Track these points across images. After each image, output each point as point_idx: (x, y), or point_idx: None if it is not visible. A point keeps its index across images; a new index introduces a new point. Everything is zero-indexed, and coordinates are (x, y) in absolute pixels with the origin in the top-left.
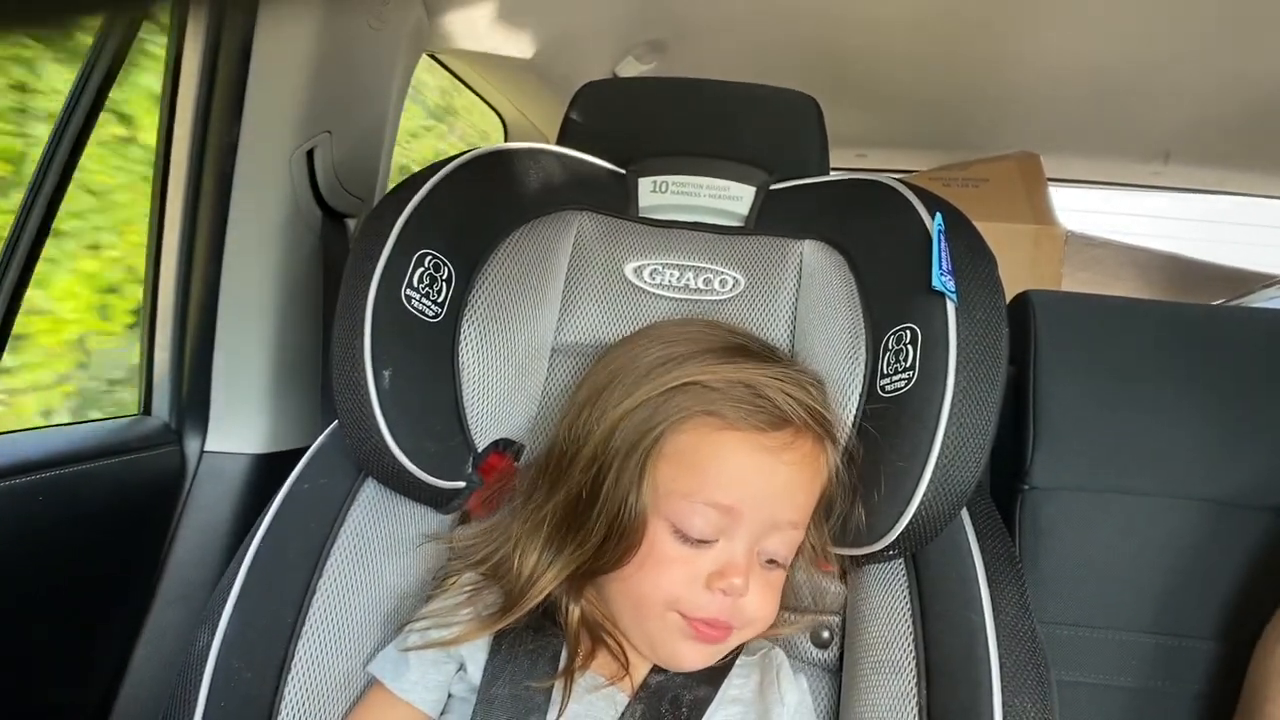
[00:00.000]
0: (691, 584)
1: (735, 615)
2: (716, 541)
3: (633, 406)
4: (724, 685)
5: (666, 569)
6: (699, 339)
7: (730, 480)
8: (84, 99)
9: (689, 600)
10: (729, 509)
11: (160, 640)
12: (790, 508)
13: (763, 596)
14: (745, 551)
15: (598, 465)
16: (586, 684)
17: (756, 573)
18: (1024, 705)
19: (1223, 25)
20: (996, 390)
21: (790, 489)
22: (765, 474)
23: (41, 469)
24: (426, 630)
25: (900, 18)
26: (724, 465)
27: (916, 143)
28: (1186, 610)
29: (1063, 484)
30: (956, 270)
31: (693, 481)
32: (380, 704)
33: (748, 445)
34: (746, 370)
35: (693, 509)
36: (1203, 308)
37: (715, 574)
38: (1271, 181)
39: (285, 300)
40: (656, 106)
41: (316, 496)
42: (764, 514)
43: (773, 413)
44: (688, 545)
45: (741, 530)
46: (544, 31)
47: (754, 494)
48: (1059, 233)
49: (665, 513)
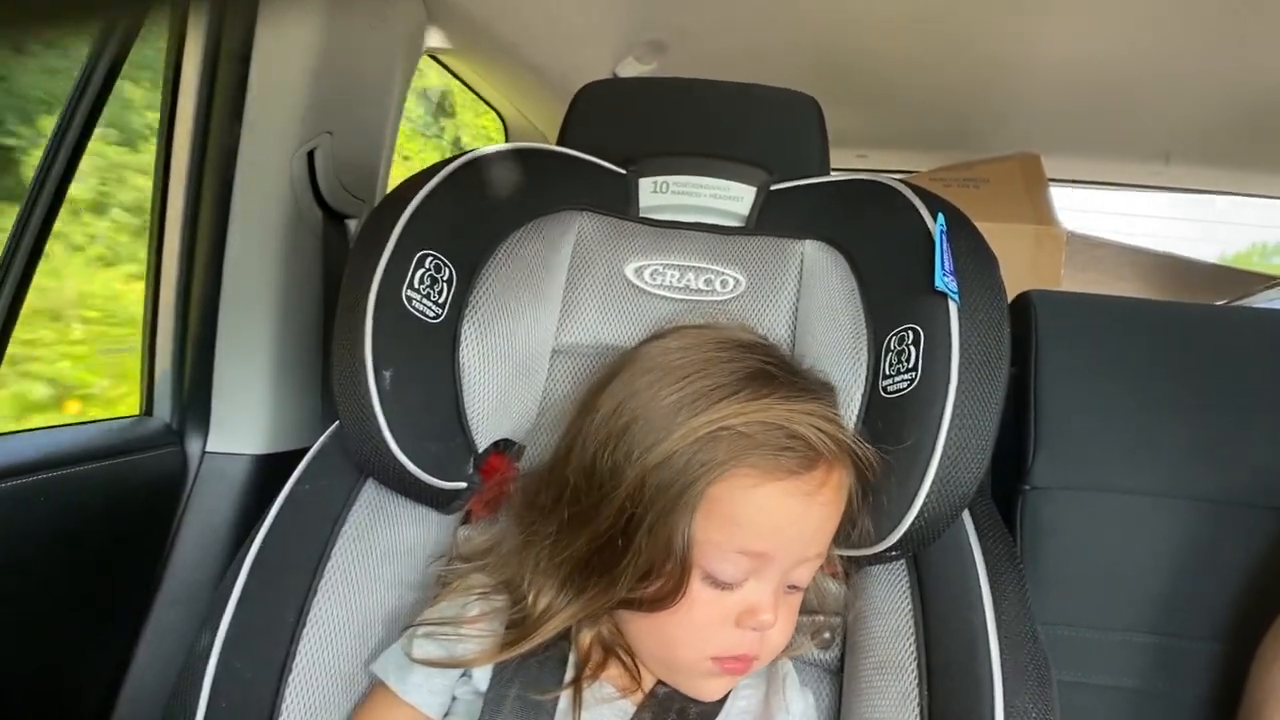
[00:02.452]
0: (722, 625)
1: (762, 648)
2: (746, 583)
3: (664, 456)
4: (731, 695)
5: (701, 615)
6: (717, 369)
7: (765, 530)
8: (84, 102)
9: (718, 642)
10: (761, 554)
11: (161, 641)
12: (819, 543)
13: (785, 623)
14: (774, 590)
15: (628, 515)
16: (595, 695)
17: (781, 601)
18: (1025, 706)
19: (1223, 25)
20: (998, 391)
21: (821, 526)
22: (798, 519)
23: (43, 470)
24: (432, 633)
25: (901, 18)
26: (758, 516)
27: (917, 143)
28: (1188, 611)
29: (1064, 484)
30: (958, 271)
31: (729, 531)
32: (384, 705)
33: (782, 493)
34: (776, 408)
35: (724, 556)
36: (1204, 308)
37: (745, 613)
38: (1272, 182)
39: (286, 301)
40: (657, 107)
41: (318, 497)
42: (795, 554)
43: (805, 454)
44: (717, 589)
45: (772, 571)
46: (544, 32)
47: (787, 539)
48: (1060, 233)
49: (698, 560)
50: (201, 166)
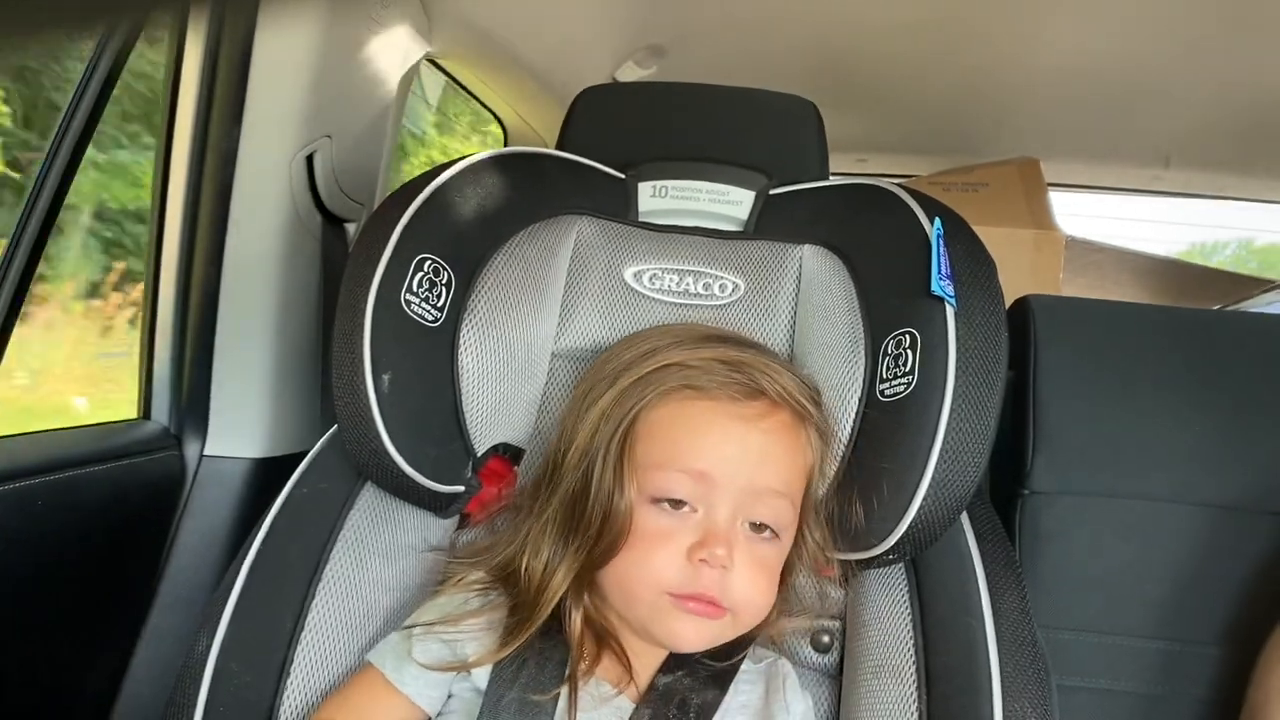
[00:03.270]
0: (673, 556)
1: (723, 592)
2: (698, 512)
3: (614, 397)
4: (731, 689)
5: (650, 547)
6: (682, 333)
7: (703, 446)
8: (83, 104)
9: (675, 578)
10: (703, 474)
11: (160, 644)
12: (770, 474)
13: (752, 575)
14: (727, 520)
15: (587, 460)
16: (594, 694)
17: (743, 546)
18: (1024, 710)
19: (1223, 31)
20: (996, 395)
21: (767, 455)
22: (738, 439)
23: (41, 473)
24: (434, 631)
25: (900, 22)
26: (697, 432)
27: (916, 147)
28: (1187, 615)
29: (1062, 489)
30: (956, 275)
31: (668, 451)
32: (375, 690)
33: (721, 413)
34: (725, 350)
35: (668, 477)
36: (1202, 312)
37: (697, 544)
38: (1271, 187)
39: (285, 305)
40: (656, 111)
41: (316, 501)
42: (741, 480)
43: (747, 384)
44: (667, 515)
45: (720, 498)
46: (544, 36)
47: (728, 458)
48: (1059, 237)
49: (645, 488)
50: (201, 170)
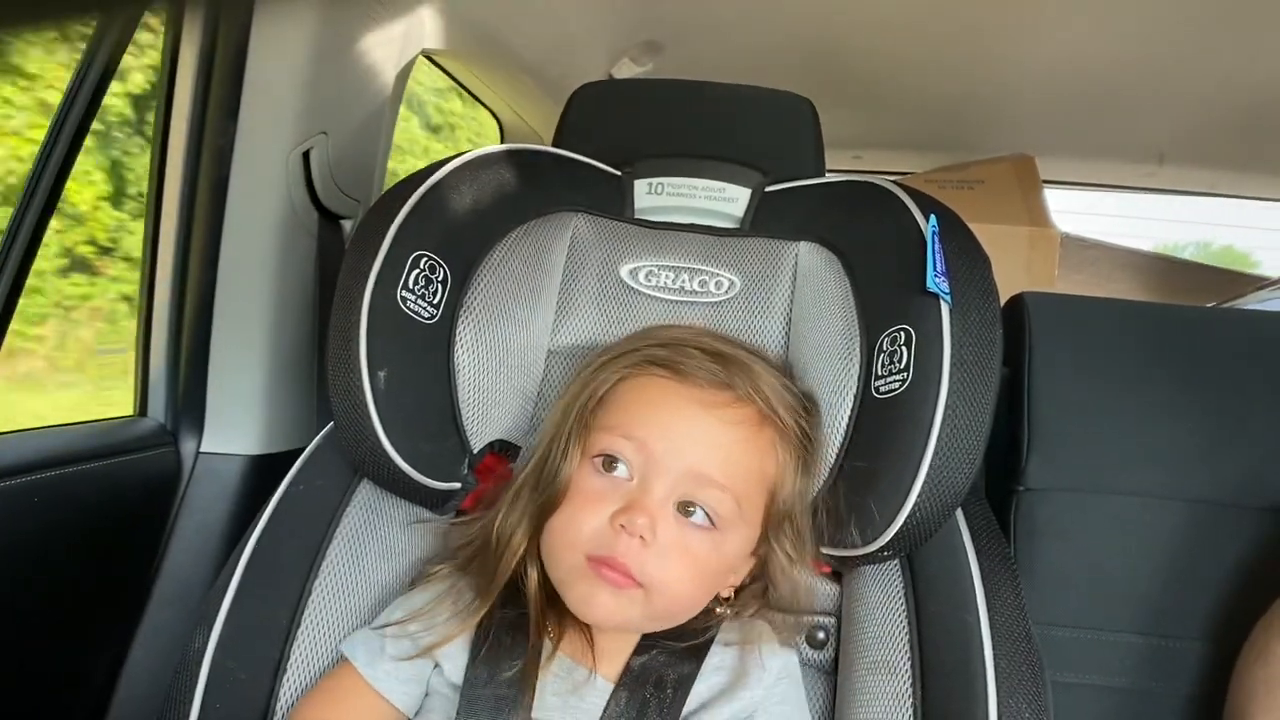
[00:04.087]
0: (599, 520)
1: (639, 566)
2: (633, 481)
3: (594, 370)
4: (706, 658)
5: (580, 505)
6: (677, 326)
7: (653, 420)
8: (79, 98)
9: (593, 539)
10: (644, 444)
11: (156, 641)
12: (713, 463)
13: (674, 557)
14: (658, 496)
15: (558, 429)
16: (569, 677)
17: (670, 526)
18: (1019, 706)
19: (1217, 28)
20: (991, 392)
21: (718, 445)
22: (688, 420)
23: (37, 470)
24: (405, 625)
25: (896, 20)
26: (652, 404)
27: (912, 144)
28: (1180, 611)
29: (1057, 485)
30: (951, 272)
31: (619, 417)
32: (349, 686)
33: (681, 393)
34: (712, 341)
35: (611, 439)
36: (1196, 310)
37: (621, 510)
38: (1265, 184)
39: (281, 302)
40: (652, 108)
41: (312, 498)
42: (683, 462)
43: (719, 374)
44: (602, 478)
45: (657, 472)
46: (540, 33)
47: (673, 436)
48: (1054, 234)
49: (590, 448)
50: (197, 166)
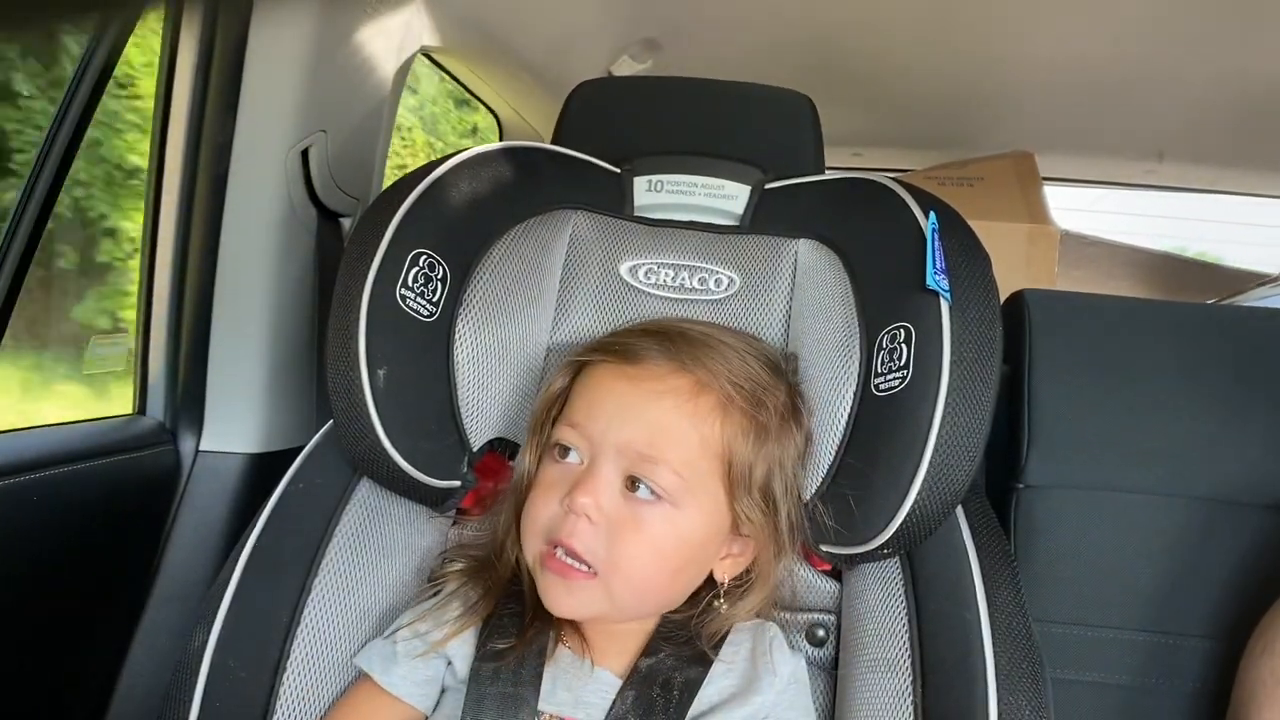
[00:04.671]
0: (553, 505)
1: (588, 547)
2: (583, 464)
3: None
4: (716, 661)
5: (539, 494)
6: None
7: (587, 400)
8: (79, 95)
9: (548, 522)
10: (579, 426)
11: (155, 639)
12: (649, 439)
13: (626, 534)
14: (602, 476)
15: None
16: (571, 669)
17: (616, 502)
18: (1019, 703)
19: (1217, 24)
20: (991, 389)
21: (649, 417)
22: (617, 396)
23: (36, 469)
24: (415, 625)
25: (895, 17)
26: (589, 388)
27: (912, 141)
28: (1181, 608)
29: (1057, 482)
30: (951, 269)
31: (570, 408)
32: (368, 697)
33: (610, 373)
34: (666, 323)
35: (561, 430)
36: (1196, 306)
37: (571, 490)
38: (1265, 180)
39: (280, 300)
40: (652, 105)
41: (311, 496)
42: (618, 436)
43: (652, 350)
44: (557, 466)
45: (596, 451)
46: (539, 30)
47: (605, 414)
48: (1054, 231)
49: (550, 442)
50: (195, 163)
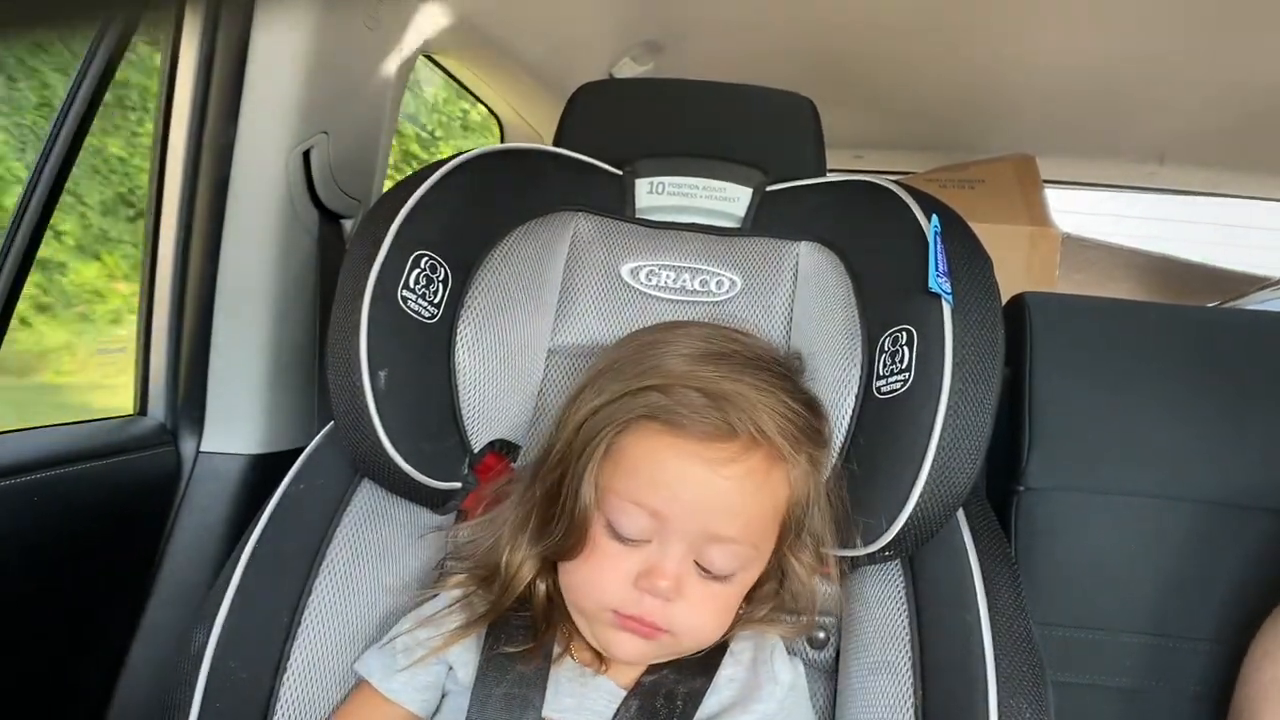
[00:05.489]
0: (622, 581)
1: (668, 620)
2: (650, 543)
3: (597, 407)
4: (719, 670)
5: (600, 564)
6: (684, 342)
7: (660, 486)
8: (80, 97)
9: (618, 597)
10: (656, 513)
11: (156, 641)
12: (728, 523)
13: (702, 607)
14: (677, 558)
15: (563, 466)
16: (576, 676)
17: (693, 582)
18: (1020, 706)
19: (1218, 28)
20: (992, 392)
21: (728, 503)
22: (698, 485)
23: (36, 469)
24: (415, 632)
25: (897, 20)
26: (656, 470)
27: (913, 144)
28: (1182, 611)
29: (1058, 485)
30: (952, 272)
31: (627, 482)
32: (369, 703)
33: (684, 454)
34: (710, 378)
35: (623, 507)
36: (1197, 309)
37: (643, 574)
38: (1266, 184)
39: (281, 301)
40: (653, 108)
41: (312, 497)
42: (696, 524)
43: (718, 423)
44: (619, 543)
45: (672, 536)
46: (541, 33)
47: (685, 502)
48: (1055, 234)
49: (604, 509)
50: (197, 165)
